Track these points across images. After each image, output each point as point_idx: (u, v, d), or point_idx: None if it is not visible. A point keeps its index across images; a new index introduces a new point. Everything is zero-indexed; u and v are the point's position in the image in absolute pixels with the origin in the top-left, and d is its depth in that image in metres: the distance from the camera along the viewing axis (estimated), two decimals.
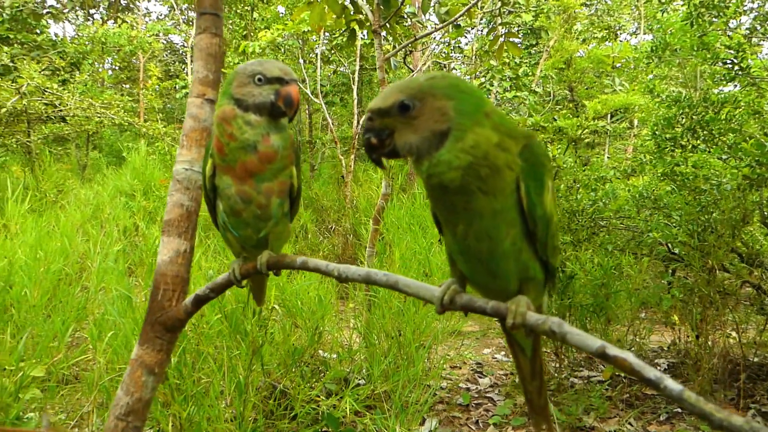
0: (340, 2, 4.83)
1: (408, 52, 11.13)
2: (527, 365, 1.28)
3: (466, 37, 15.37)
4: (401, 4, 4.45)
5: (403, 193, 9.48)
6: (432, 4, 4.85)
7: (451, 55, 15.31)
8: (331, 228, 8.33)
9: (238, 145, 1.27)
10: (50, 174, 9.22)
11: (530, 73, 12.73)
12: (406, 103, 1.00)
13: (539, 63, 12.76)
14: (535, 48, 16.42)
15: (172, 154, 13.78)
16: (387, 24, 4.87)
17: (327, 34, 11.47)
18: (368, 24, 4.96)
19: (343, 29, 5.23)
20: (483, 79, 11.75)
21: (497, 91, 11.00)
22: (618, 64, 12.17)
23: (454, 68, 15.47)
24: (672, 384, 0.73)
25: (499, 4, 5.36)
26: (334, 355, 4.05)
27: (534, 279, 1.11)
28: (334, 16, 4.99)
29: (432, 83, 1.01)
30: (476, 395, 4.47)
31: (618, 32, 15.32)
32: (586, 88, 13.71)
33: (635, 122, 12.65)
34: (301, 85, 9.96)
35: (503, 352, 5.60)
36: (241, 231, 1.38)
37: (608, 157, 12.22)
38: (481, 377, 4.87)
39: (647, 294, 5.27)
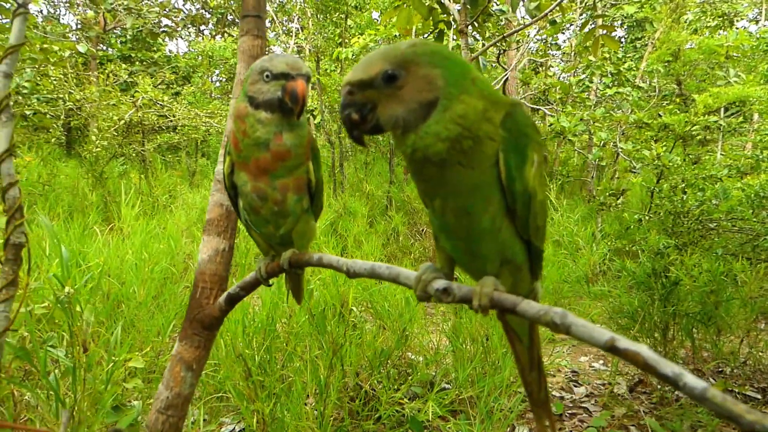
0: (426, 4, 4.82)
1: (502, 51, 10.92)
2: (525, 355, 1.21)
3: (564, 33, 14.85)
4: (488, 3, 4.36)
5: None
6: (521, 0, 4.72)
7: (548, 52, 14.86)
8: (423, 230, 8.32)
9: (250, 142, 1.26)
10: (162, 180, 9.92)
11: (635, 68, 12.05)
12: (393, 72, 0.93)
13: (644, 56, 12.04)
14: (639, 41, 15.52)
15: None
16: (475, 23, 4.79)
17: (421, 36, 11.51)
18: (456, 24, 4.92)
19: (431, 31, 5.21)
20: (583, 76, 11.29)
21: (597, 88, 10.50)
22: (735, 54, 11.20)
23: (551, 66, 14.99)
24: (693, 381, 0.65)
25: None
26: (421, 358, 4.04)
27: (513, 262, 1.04)
28: (422, 19, 4.99)
29: (415, 50, 0.94)
30: (570, 405, 4.27)
31: (734, 19, 14.13)
32: (698, 81, 12.75)
33: (755, 116, 11.59)
34: None
35: (602, 361, 5.33)
36: (263, 228, 1.37)
37: (722, 155, 11.29)
38: (576, 386, 4.66)
39: (766, 303, 4.81)
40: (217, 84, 25.33)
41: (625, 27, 17.19)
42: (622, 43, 17.33)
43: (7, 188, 1.26)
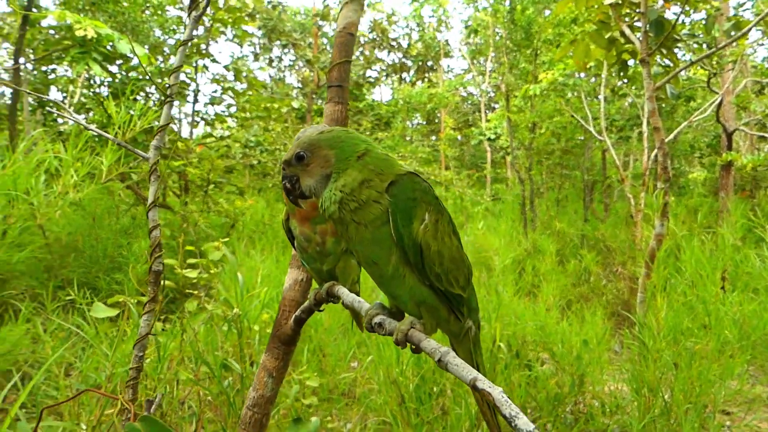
0: (606, 36, 4.64)
1: (713, 74, 9.88)
2: (489, 415, 1.30)
3: None
4: (672, 28, 4.09)
5: (707, 233, 8.34)
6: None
7: None
8: (617, 271, 7.77)
9: None
10: None
11: None
12: (301, 153, 1.23)
13: None
14: None
15: (462, 199, 14.72)
16: (661, 50, 4.49)
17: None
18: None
19: (614, 63, 4.98)
20: None
21: None
22: None
23: None
24: (523, 423, 0.77)
25: None
26: (596, 403, 3.82)
27: (425, 303, 1.19)
28: (602, 52, 4.81)
29: (320, 137, 1.23)
30: None
31: None
32: None
33: None
34: (584, 123, 9.67)
35: None
36: (311, 264, 1.63)
37: None
38: None
39: None
40: (416, 127, 26.74)
41: None
42: None
43: (152, 230, 1.67)
